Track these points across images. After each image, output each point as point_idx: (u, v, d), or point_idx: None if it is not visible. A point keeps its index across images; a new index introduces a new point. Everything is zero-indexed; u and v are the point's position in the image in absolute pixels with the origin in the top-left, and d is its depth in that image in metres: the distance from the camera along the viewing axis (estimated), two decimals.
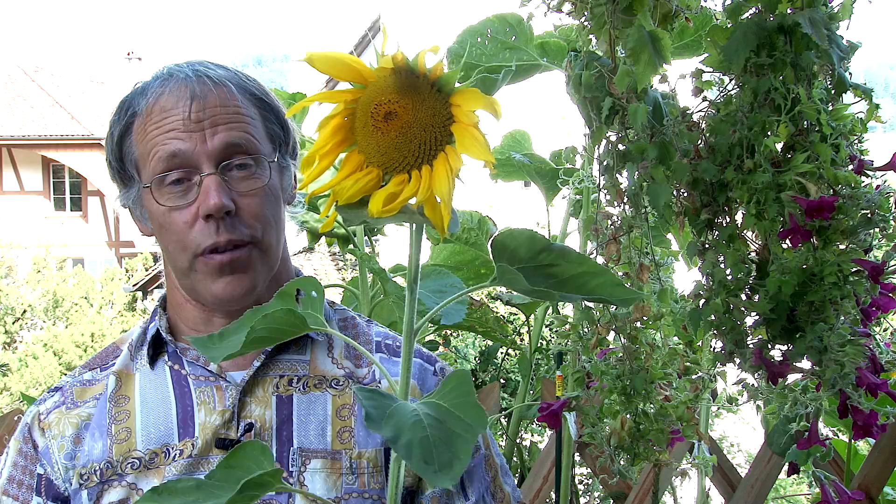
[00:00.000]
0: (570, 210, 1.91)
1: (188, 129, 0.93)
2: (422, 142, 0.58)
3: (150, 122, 0.95)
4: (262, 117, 0.99)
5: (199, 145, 0.93)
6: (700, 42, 1.47)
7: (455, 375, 0.60)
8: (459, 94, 0.58)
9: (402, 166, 0.59)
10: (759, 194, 1.04)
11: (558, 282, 0.63)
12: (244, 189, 0.95)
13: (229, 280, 0.95)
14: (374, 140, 0.60)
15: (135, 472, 0.95)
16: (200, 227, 0.94)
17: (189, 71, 0.97)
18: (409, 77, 0.59)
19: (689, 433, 1.22)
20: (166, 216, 0.95)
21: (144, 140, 0.96)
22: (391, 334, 1.08)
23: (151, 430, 0.97)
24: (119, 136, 0.99)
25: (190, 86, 0.95)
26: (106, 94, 21.40)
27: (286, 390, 0.98)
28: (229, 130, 0.94)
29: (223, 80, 0.97)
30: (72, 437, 0.98)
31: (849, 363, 1.01)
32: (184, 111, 0.93)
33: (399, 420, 0.55)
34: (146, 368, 1.01)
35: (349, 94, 0.61)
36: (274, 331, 0.64)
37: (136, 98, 0.98)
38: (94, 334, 12.42)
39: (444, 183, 0.57)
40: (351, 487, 0.94)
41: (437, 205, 0.58)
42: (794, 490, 4.42)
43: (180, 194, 0.94)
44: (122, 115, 0.99)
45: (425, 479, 0.56)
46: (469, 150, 0.57)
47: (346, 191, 0.60)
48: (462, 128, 0.58)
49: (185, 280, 0.98)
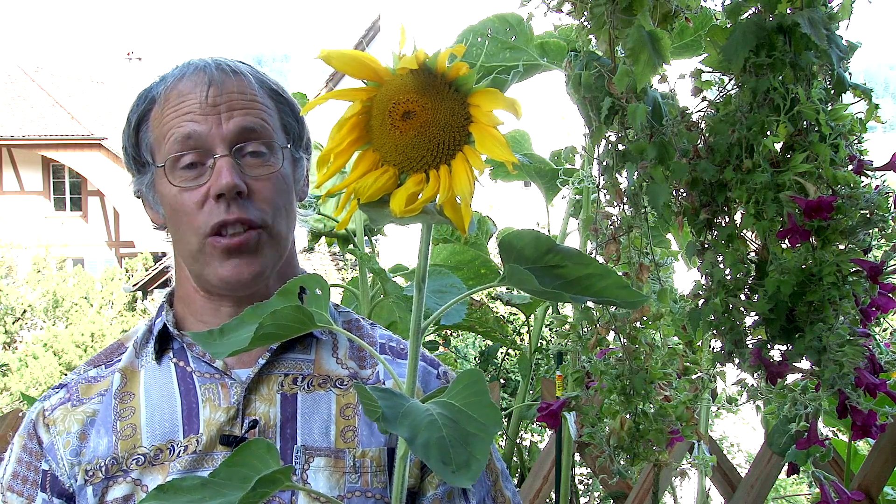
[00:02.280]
0: (570, 210, 1.91)
1: (204, 112, 0.95)
2: (440, 141, 0.59)
3: (168, 107, 0.97)
4: (278, 109, 1.01)
5: (213, 128, 0.95)
6: (699, 42, 1.47)
7: (467, 374, 0.60)
8: (478, 94, 0.58)
9: (420, 165, 0.59)
10: (758, 194, 1.04)
11: (565, 283, 0.63)
12: (257, 173, 0.96)
13: (237, 262, 0.96)
14: (392, 139, 0.60)
15: (140, 469, 0.95)
16: (211, 206, 0.95)
17: (209, 60, 0.99)
18: (426, 76, 0.59)
19: (688, 433, 1.22)
20: (178, 197, 0.96)
21: (161, 124, 0.97)
22: (395, 337, 1.08)
23: (156, 426, 0.97)
24: (136, 123, 1.00)
25: (208, 72, 0.97)
26: (106, 94, 21.40)
27: (290, 389, 0.98)
28: (245, 115, 0.96)
29: (241, 70, 0.99)
30: (77, 434, 0.98)
31: (848, 363, 1.01)
32: (201, 95, 0.95)
33: (414, 420, 0.55)
34: (151, 365, 1.02)
35: (365, 93, 0.61)
36: (282, 327, 0.64)
37: (156, 86, 1.00)
38: (94, 334, 12.42)
39: (465, 183, 0.57)
40: (354, 486, 0.94)
41: (457, 205, 0.58)
42: (794, 490, 4.42)
43: (193, 176, 0.96)
44: (140, 103, 1.00)
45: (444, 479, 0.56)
46: (491, 151, 0.57)
47: (367, 189, 0.60)
48: (482, 128, 0.58)
49: (194, 265, 0.98)
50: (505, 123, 0.58)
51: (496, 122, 0.57)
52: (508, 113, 0.57)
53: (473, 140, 0.59)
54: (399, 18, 10.88)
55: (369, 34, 13.55)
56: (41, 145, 19.75)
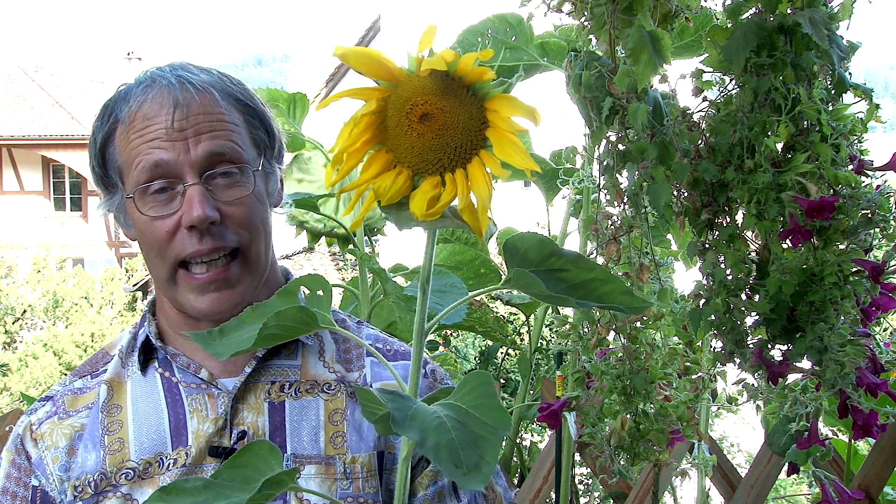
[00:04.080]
0: (570, 210, 1.91)
1: (171, 138, 0.92)
2: (458, 145, 0.58)
3: (133, 131, 0.94)
4: (247, 123, 0.98)
5: (182, 155, 0.92)
6: (700, 42, 1.47)
7: (474, 376, 0.59)
8: (497, 99, 0.58)
9: (436, 168, 0.59)
10: (760, 194, 1.04)
11: (568, 287, 0.63)
12: (229, 198, 0.94)
13: (215, 297, 0.94)
14: (408, 140, 0.59)
15: (129, 483, 0.94)
16: (182, 236, 0.93)
17: (172, 77, 0.95)
18: (444, 79, 0.58)
19: (689, 433, 1.22)
20: (148, 225, 0.94)
21: (127, 148, 0.94)
22: (382, 336, 1.07)
23: (144, 439, 0.96)
24: (102, 143, 0.97)
25: (173, 93, 0.93)
26: (106, 94, 21.33)
27: (278, 396, 0.97)
28: (213, 139, 0.93)
29: (206, 87, 0.95)
30: (65, 449, 0.97)
31: (849, 363, 1.01)
32: (166, 119, 0.92)
33: (423, 422, 0.55)
34: (137, 376, 1.00)
35: (380, 93, 0.60)
36: (285, 328, 0.64)
37: (119, 104, 0.96)
38: (94, 334, 12.42)
39: (484, 188, 0.57)
40: (345, 492, 0.94)
41: (475, 210, 0.58)
42: (794, 490, 4.42)
43: (164, 203, 0.93)
44: (104, 121, 0.97)
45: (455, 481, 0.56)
46: (510, 158, 0.56)
47: (387, 191, 0.60)
48: (500, 133, 0.57)
49: (168, 291, 0.97)
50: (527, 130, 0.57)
51: (516, 128, 0.57)
52: (527, 120, 0.57)
53: (490, 145, 0.58)
54: (399, 18, 10.87)
55: (369, 34, 13.54)
56: (41, 145, 19.75)
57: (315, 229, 1.89)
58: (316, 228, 1.89)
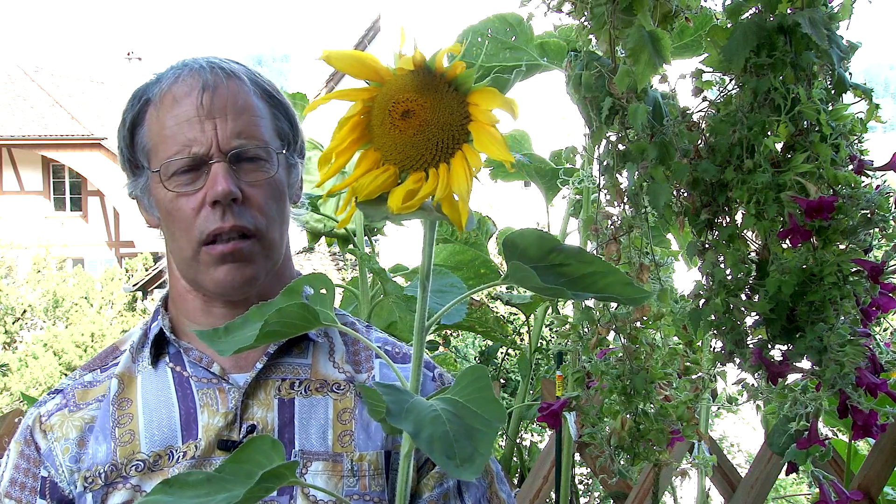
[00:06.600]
0: (570, 210, 1.91)
1: (200, 116, 0.95)
2: (439, 140, 0.59)
3: (163, 110, 0.97)
4: (272, 114, 1.01)
5: (209, 133, 0.95)
6: (700, 42, 1.47)
7: (471, 371, 0.60)
8: (477, 93, 0.59)
9: (420, 164, 0.60)
10: (759, 194, 1.04)
11: (568, 281, 0.64)
12: (251, 179, 0.96)
13: (230, 268, 0.96)
14: (392, 138, 0.60)
15: (139, 475, 0.95)
16: (206, 213, 0.95)
17: (203, 62, 0.99)
18: (426, 76, 0.59)
19: (689, 433, 1.22)
20: (174, 202, 0.96)
21: (156, 127, 0.97)
22: (390, 340, 1.09)
23: (155, 432, 0.97)
24: (131, 124, 1.00)
25: (203, 75, 0.97)
26: (106, 94, 21.39)
27: (288, 393, 0.98)
28: (239, 120, 0.96)
29: (236, 73, 0.99)
30: (76, 440, 0.98)
31: (848, 363, 1.01)
32: (196, 99, 0.95)
33: (419, 415, 0.56)
34: (148, 370, 1.01)
35: (366, 93, 0.62)
36: (287, 325, 0.64)
37: (150, 87, 1.00)
38: (94, 334, 12.43)
39: (462, 181, 0.58)
40: (352, 490, 0.94)
41: (455, 202, 0.59)
42: (794, 490, 4.42)
43: (188, 181, 0.96)
44: (135, 103, 1.00)
45: (448, 472, 0.57)
46: (487, 149, 0.58)
47: (366, 188, 0.61)
48: (480, 126, 0.59)
49: (189, 270, 0.99)
50: (503, 122, 0.58)
51: (494, 120, 0.58)
52: (505, 112, 0.58)
53: (472, 139, 0.59)
54: (399, 18, 10.88)
55: (369, 34, 13.55)
56: (41, 145, 19.75)
57: (315, 229, 1.89)
58: (316, 228, 1.89)
